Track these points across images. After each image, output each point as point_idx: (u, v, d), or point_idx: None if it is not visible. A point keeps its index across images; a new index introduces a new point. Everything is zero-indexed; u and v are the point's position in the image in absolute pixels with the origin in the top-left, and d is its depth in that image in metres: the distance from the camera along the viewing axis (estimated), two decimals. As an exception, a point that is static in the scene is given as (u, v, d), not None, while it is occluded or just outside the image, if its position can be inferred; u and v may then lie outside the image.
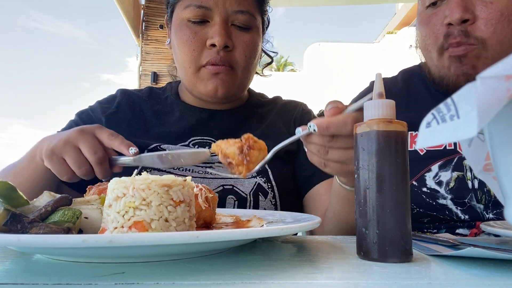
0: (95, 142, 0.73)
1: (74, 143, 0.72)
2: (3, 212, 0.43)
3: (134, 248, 0.38)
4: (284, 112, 1.07)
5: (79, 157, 0.72)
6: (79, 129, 0.74)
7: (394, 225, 0.43)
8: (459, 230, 0.89)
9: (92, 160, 0.72)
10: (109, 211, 0.44)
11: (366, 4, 3.63)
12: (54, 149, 0.72)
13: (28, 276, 0.37)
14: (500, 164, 0.45)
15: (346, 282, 0.36)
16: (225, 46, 0.89)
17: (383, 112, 0.45)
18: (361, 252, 0.45)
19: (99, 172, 0.74)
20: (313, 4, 2.85)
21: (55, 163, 0.73)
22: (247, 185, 0.89)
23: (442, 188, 0.90)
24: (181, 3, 0.94)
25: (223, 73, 0.91)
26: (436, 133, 0.36)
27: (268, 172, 0.91)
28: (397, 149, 0.44)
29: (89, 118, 0.99)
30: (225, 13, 0.90)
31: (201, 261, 0.43)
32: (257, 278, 0.36)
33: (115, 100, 1.03)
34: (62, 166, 0.73)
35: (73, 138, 0.73)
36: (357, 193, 0.46)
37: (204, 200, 0.56)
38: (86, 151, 0.72)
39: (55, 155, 0.72)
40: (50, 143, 0.73)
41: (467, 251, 0.42)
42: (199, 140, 0.96)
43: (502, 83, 0.33)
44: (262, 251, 0.49)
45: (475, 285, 0.35)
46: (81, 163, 0.72)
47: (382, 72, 0.48)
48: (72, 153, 0.72)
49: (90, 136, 0.74)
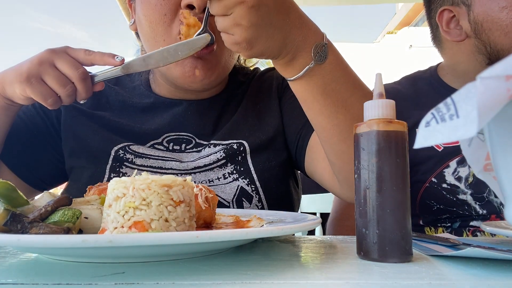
0: (72, 59, 0.66)
1: (50, 61, 0.65)
2: (3, 212, 0.43)
3: (134, 248, 0.38)
4: (261, 82, 0.93)
5: (60, 75, 0.65)
6: (49, 50, 0.66)
7: (394, 225, 0.43)
8: (473, 222, 0.90)
9: (75, 76, 0.65)
10: (109, 211, 0.44)
11: (366, 4, 3.62)
12: (29, 72, 0.64)
13: (28, 276, 0.37)
14: (500, 164, 0.45)
15: (346, 282, 0.36)
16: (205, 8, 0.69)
17: (383, 112, 0.45)
18: (361, 252, 0.45)
19: (83, 90, 0.67)
20: (313, 4, 2.85)
21: (36, 86, 0.64)
22: (228, 191, 0.78)
23: (462, 183, 0.90)
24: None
25: (204, 56, 0.76)
26: (435, 133, 0.36)
27: (251, 171, 0.80)
28: (397, 149, 0.44)
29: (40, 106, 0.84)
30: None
31: (201, 261, 0.43)
32: (257, 278, 0.36)
33: None
34: (44, 87, 0.65)
35: (47, 57, 0.65)
36: (357, 193, 0.46)
37: (204, 200, 0.56)
38: (67, 68, 0.65)
39: (33, 77, 0.64)
40: (18, 69, 0.65)
41: (467, 251, 0.42)
42: (175, 136, 0.84)
43: (502, 83, 0.33)
44: (262, 251, 0.49)
45: (475, 285, 0.35)
46: (64, 82, 0.65)
47: (382, 72, 0.48)
48: (51, 72, 0.64)
49: (65, 54, 0.66)
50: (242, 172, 0.80)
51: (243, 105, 0.90)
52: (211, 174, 0.79)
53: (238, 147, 0.82)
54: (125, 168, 0.78)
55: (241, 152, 0.82)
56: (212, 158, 0.80)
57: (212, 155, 0.81)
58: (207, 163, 0.79)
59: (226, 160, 0.80)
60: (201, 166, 0.80)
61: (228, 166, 0.80)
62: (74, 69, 0.65)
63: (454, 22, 0.96)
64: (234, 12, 0.54)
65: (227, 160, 0.80)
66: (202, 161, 0.79)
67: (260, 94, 0.91)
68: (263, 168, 0.81)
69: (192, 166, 0.80)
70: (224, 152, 0.80)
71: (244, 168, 0.81)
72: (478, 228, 0.89)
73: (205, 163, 0.79)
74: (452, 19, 0.96)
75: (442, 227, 0.94)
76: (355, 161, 0.46)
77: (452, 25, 0.97)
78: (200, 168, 0.80)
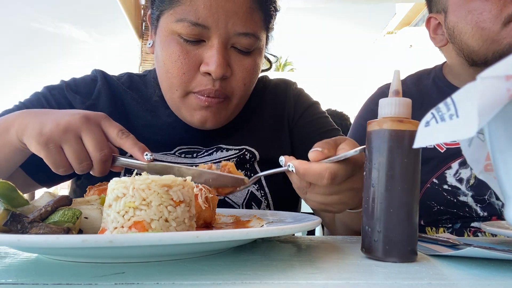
0: (102, 136, 0.62)
1: (77, 132, 0.60)
2: (3, 212, 0.43)
3: (134, 248, 0.38)
4: (274, 96, 0.95)
5: (81, 151, 0.61)
6: (83, 116, 0.61)
7: (400, 225, 0.43)
8: (474, 223, 0.90)
9: (96, 157, 0.61)
10: (109, 211, 0.44)
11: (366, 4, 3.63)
12: (51, 135, 0.59)
13: (28, 276, 0.37)
14: (500, 164, 0.45)
15: (346, 282, 0.36)
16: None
17: (396, 111, 0.44)
18: (365, 250, 0.45)
19: (99, 171, 0.63)
20: (314, 4, 2.85)
21: (52, 152, 0.60)
22: (239, 195, 0.82)
23: (463, 185, 0.91)
24: (171, 12, 0.75)
25: (214, 107, 0.78)
26: (435, 132, 0.36)
27: (261, 178, 0.84)
28: (407, 149, 0.43)
29: (62, 97, 0.84)
30: (225, 34, 0.73)
31: (201, 261, 0.43)
32: (257, 278, 0.36)
33: (95, 86, 0.87)
34: (60, 156, 0.61)
35: (76, 126, 0.60)
36: (365, 191, 0.46)
37: (204, 200, 0.56)
38: (92, 146, 0.60)
39: (52, 142, 0.60)
40: (42, 124, 0.61)
41: (467, 251, 0.42)
42: (187, 149, 0.86)
43: (502, 83, 0.33)
44: (262, 251, 0.49)
45: (475, 285, 0.35)
46: (83, 158, 0.61)
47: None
48: (74, 144, 0.60)
49: (97, 128, 0.62)
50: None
51: (257, 116, 0.92)
52: None
53: (249, 154, 0.86)
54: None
55: (250, 159, 0.86)
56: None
57: (223, 159, 0.84)
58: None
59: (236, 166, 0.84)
60: None
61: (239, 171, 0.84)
62: (98, 150, 0.61)
63: (440, 29, 1.01)
64: (343, 194, 0.54)
65: (237, 166, 0.82)
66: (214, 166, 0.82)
67: (273, 110, 0.93)
68: (271, 177, 0.83)
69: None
70: (235, 159, 0.84)
71: (254, 175, 0.82)
72: (479, 229, 0.89)
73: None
74: (438, 26, 1.01)
75: (443, 228, 0.94)
76: (367, 157, 0.46)
77: (438, 31, 1.02)
78: None
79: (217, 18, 0.72)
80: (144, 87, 0.92)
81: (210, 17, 0.72)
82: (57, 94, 0.84)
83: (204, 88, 0.75)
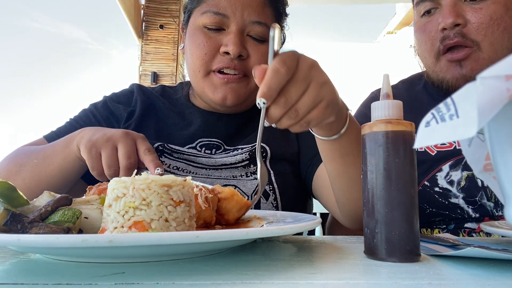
0: (133, 148, 0.75)
1: (115, 142, 0.74)
2: (3, 212, 0.43)
3: (134, 248, 0.38)
4: None
5: (113, 156, 0.73)
6: (125, 132, 0.76)
7: (397, 224, 0.43)
8: (468, 224, 0.90)
9: (123, 163, 0.73)
10: (109, 211, 0.44)
11: (366, 4, 3.62)
12: (96, 142, 0.73)
13: (28, 276, 0.37)
14: (500, 164, 0.45)
15: (346, 282, 0.36)
16: (239, 55, 0.88)
17: (389, 113, 0.45)
18: (367, 251, 0.45)
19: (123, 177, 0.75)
20: (314, 4, 2.85)
21: (92, 156, 0.73)
22: (249, 186, 0.88)
23: (454, 187, 0.91)
24: (199, 8, 0.93)
25: (234, 83, 0.90)
26: (435, 133, 0.36)
27: (270, 173, 0.91)
28: (403, 150, 0.44)
29: (106, 109, 0.99)
30: (242, 22, 0.88)
31: (201, 261, 0.43)
32: (257, 278, 0.36)
33: (132, 95, 1.03)
34: (97, 160, 0.74)
35: (116, 137, 0.74)
36: (363, 192, 0.46)
37: (204, 200, 0.56)
38: (122, 154, 0.73)
39: (94, 147, 0.73)
40: (93, 134, 0.75)
41: (467, 251, 0.42)
42: (207, 142, 0.96)
43: (502, 83, 0.33)
44: (262, 251, 0.49)
45: (475, 285, 0.35)
46: (112, 163, 0.73)
47: (381, 72, 0.48)
48: (109, 150, 0.73)
49: (131, 142, 0.75)
50: None
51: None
52: (236, 171, 0.90)
53: (261, 150, 0.90)
54: (164, 158, 0.90)
55: (262, 154, 0.91)
56: (238, 158, 0.91)
57: (238, 155, 0.91)
58: (233, 161, 0.90)
59: (249, 161, 0.91)
60: (227, 164, 0.91)
61: (251, 166, 0.91)
62: (125, 158, 0.73)
63: None
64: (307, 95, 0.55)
65: (250, 161, 0.91)
66: (229, 160, 0.91)
67: None
68: (280, 172, 0.91)
69: (220, 162, 0.90)
70: (249, 154, 0.91)
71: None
72: (473, 230, 0.90)
73: (231, 161, 0.91)
74: None
75: (438, 229, 0.94)
76: (362, 160, 0.46)
77: None
78: (226, 165, 0.91)
79: (234, 8, 0.88)
80: (174, 94, 1.08)
81: (229, 7, 0.89)
82: (101, 108, 1.00)
83: (223, 64, 0.88)
